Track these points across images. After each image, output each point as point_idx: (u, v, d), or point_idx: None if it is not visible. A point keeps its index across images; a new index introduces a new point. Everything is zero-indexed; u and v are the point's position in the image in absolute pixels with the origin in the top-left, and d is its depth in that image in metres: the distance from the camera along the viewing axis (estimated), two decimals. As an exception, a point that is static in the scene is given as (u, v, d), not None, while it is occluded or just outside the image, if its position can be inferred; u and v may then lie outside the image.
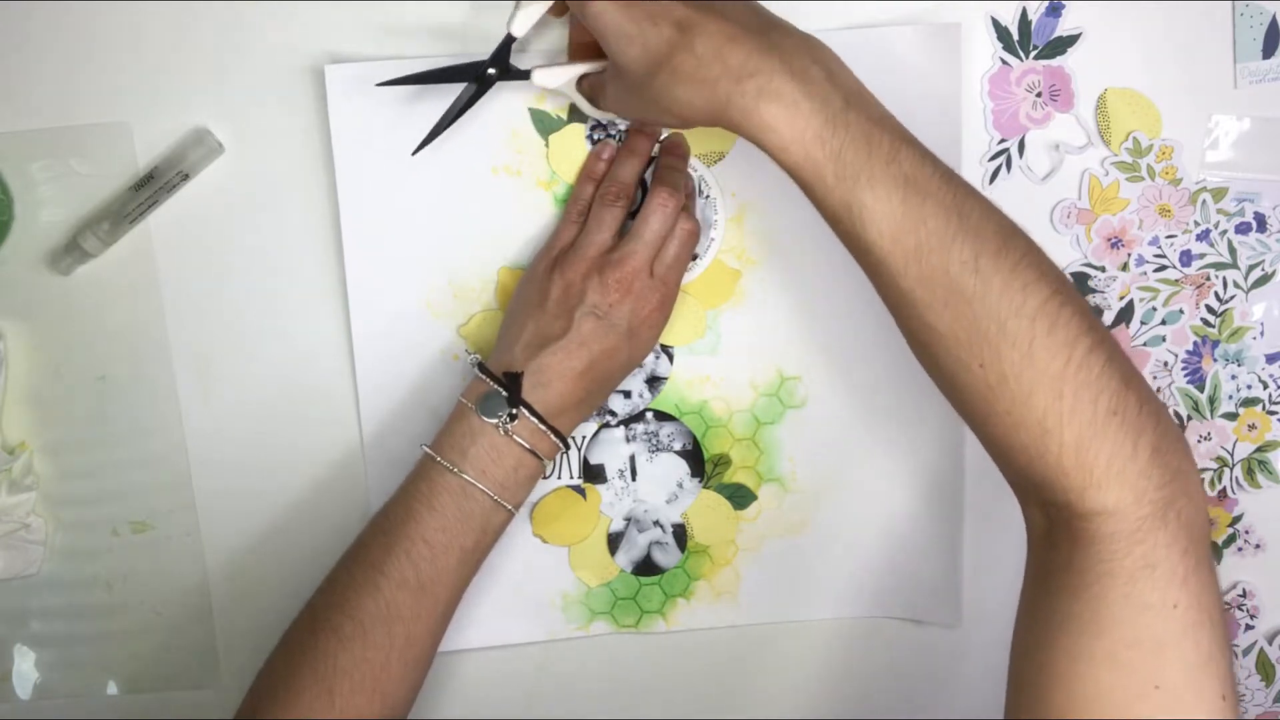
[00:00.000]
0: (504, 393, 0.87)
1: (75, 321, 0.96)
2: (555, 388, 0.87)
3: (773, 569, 1.00)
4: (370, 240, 0.94)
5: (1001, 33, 0.93)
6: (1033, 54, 0.94)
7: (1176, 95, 0.95)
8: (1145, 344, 0.98)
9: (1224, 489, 1.01)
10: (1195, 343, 0.98)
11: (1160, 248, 0.96)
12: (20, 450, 0.97)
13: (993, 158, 0.96)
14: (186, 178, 0.93)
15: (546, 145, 0.93)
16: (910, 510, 1.00)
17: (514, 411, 0.86)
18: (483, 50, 0.88)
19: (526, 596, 1.00)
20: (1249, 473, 1.01)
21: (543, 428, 0.87)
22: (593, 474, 0.99)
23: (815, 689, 1.01)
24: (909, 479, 0.98)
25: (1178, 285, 0.97)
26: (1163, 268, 0.97)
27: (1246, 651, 1.03)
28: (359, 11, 0.92)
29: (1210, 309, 0.97)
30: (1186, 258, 0.97)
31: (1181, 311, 0.97)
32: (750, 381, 0.98)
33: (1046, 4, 0.93)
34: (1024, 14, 0.93)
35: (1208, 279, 0.97)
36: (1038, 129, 0.95)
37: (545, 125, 0.93)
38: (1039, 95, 0.94)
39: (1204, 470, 1.00)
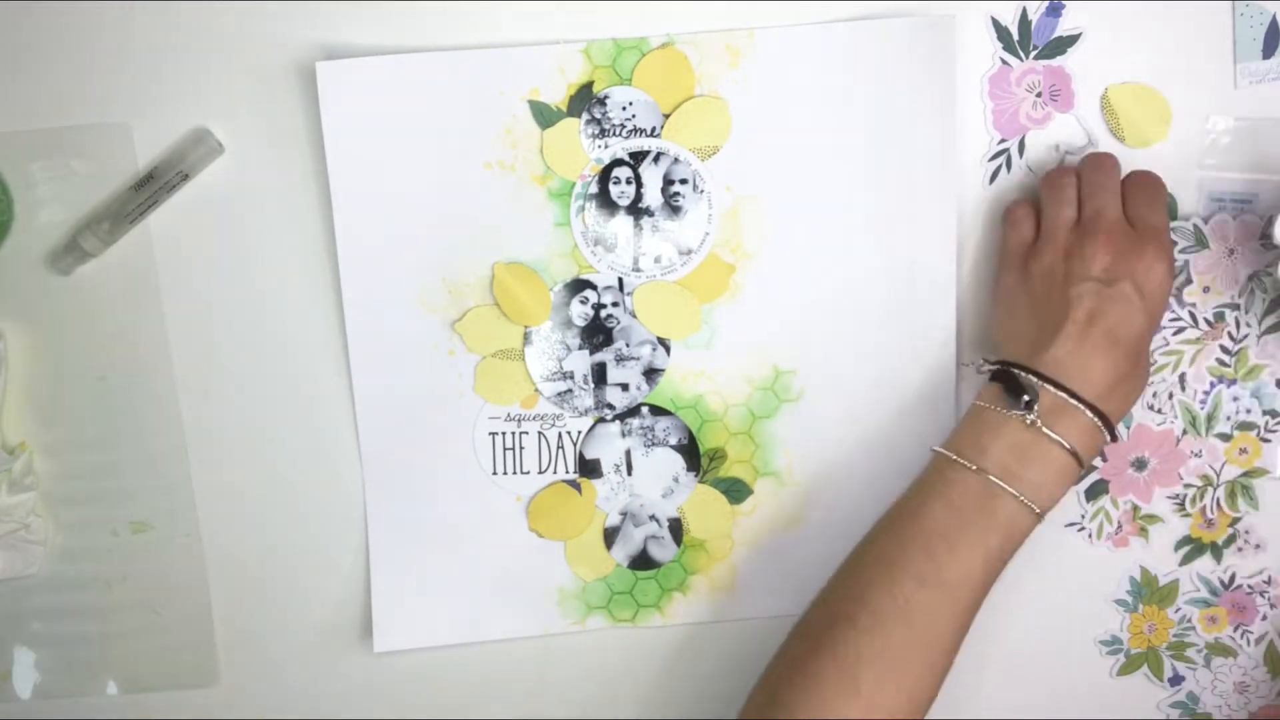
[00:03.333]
0: (1026, 383, 0.85)
1: (75, 321, 0.96)
2: (1081, 375, 0.84)
3: (769, 563, 0.99)
4: (364, 236, 0.94)
5: (1001, 33, 0.93)
6: (1033, 54, 0.94)
7: (1176, 95, 0.95)
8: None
9: (1204, 508, 1.01)
10: (1212, 382, 0.98)
11: (1175, 310, 0.97)
12: (20, 450, 0.97)
13: (993, 158, 0.95)
14: (186, 178, 0.93)
15: (542, 139, 0.93)
16: (906, 504, 0.99)
17: (1029, 400, 0.84)
18: (477, 45, 0.90)
19: (522, 591, 1.00)
20: (1230, 495, 1.00)
21: (1088, 414, 0.83)
22: (588, 468, 0.98)
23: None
24: (904, 472, 0.97)
25: (1199, 343, 0.97)
26: (1181, 330, 0.97)
27: (1258, 641, 1.03)
28: (360, 10, 0.92)
29: (1225, 349, 0.97)
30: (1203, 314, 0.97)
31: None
32: (745, 376, 0.97)
33: (1046, 4, 0.93)
34: (1024, 14, 0.93)
35: (1221, 319, 0.97)
36: (1038, 129, 0.95)
37: (545, 117, 0.93)
38: (1039, 95, 0.94)
39: (1188, 486, 1.00)
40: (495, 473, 0.99)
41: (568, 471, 0.99)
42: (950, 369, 0.98)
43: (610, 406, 0.98)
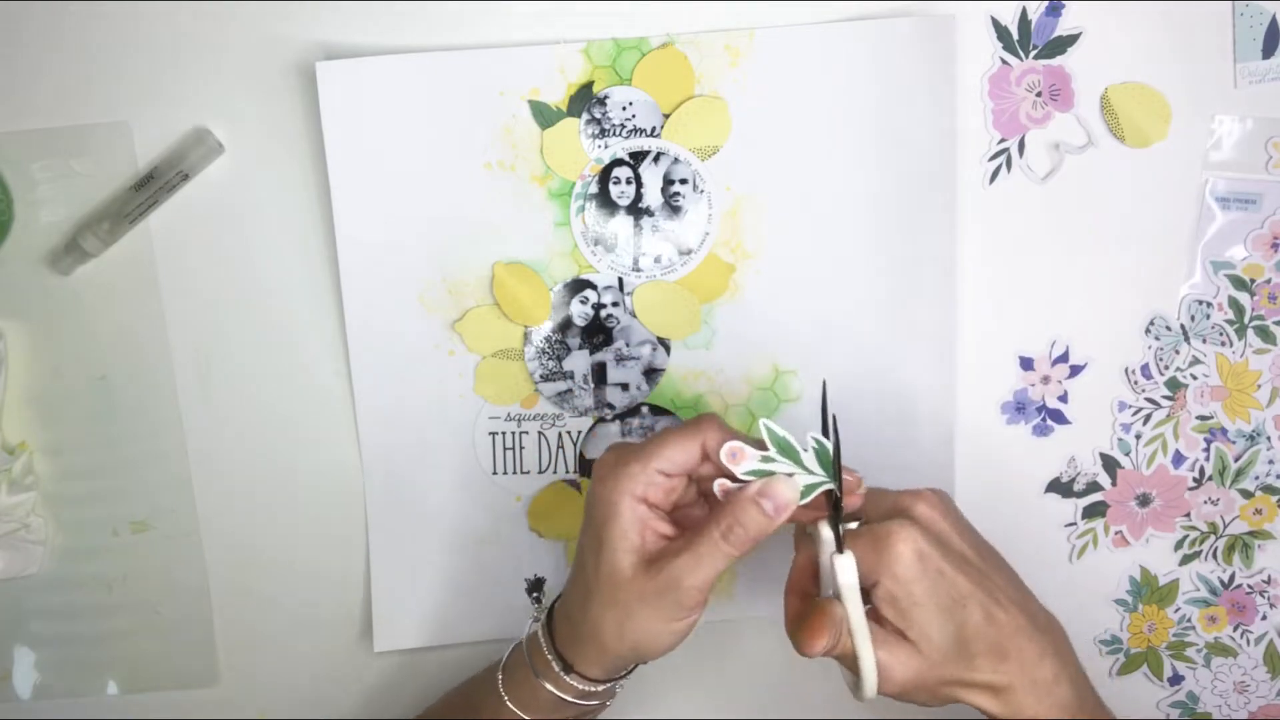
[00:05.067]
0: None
1: (75, 321, 0.96)
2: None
3: (768, 563, 0.97)
4: (364, 236, 0.94)
5: (1001, 32, 0.93)
6: (1032, 54, 0.94)
7: (1176, 95, 0.95)
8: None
9: (1198, 553, 1.01)
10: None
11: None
12: (20, 450, 0.97)
13: (993, 157, 0.95)
14: (186, 178, 0.93)
15: (542, 139, 0.93)
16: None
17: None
18: (477, 45, 0.91)
19: (522, 591, 1.00)
20: (1229, 549, 1.01)
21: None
22: (588, 468, 0.98)
23: (811, 682, 1.00)
24: (902, 474, 0.97)
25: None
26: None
27: (1258, 641, 1.03)
28: (360, 10, 0.92)
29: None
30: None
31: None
32: (745, 376, 0.97)
33: (1046, 4, 0.93)
34: (1024, 14, 0.93)
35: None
36: (1038, 129, 0.95)
37: (545, 117, 0.93)
38: (1039, 95, 0.94)
39: (1190, 528, 1.01)
40: (495, 473, 0.99)
41: (568, 471, 0.99)
42: (950, 369, 0.98)
43: (610, 406, 0.98)
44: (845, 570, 0.78)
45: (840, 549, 0.79)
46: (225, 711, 1.03)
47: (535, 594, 0.91)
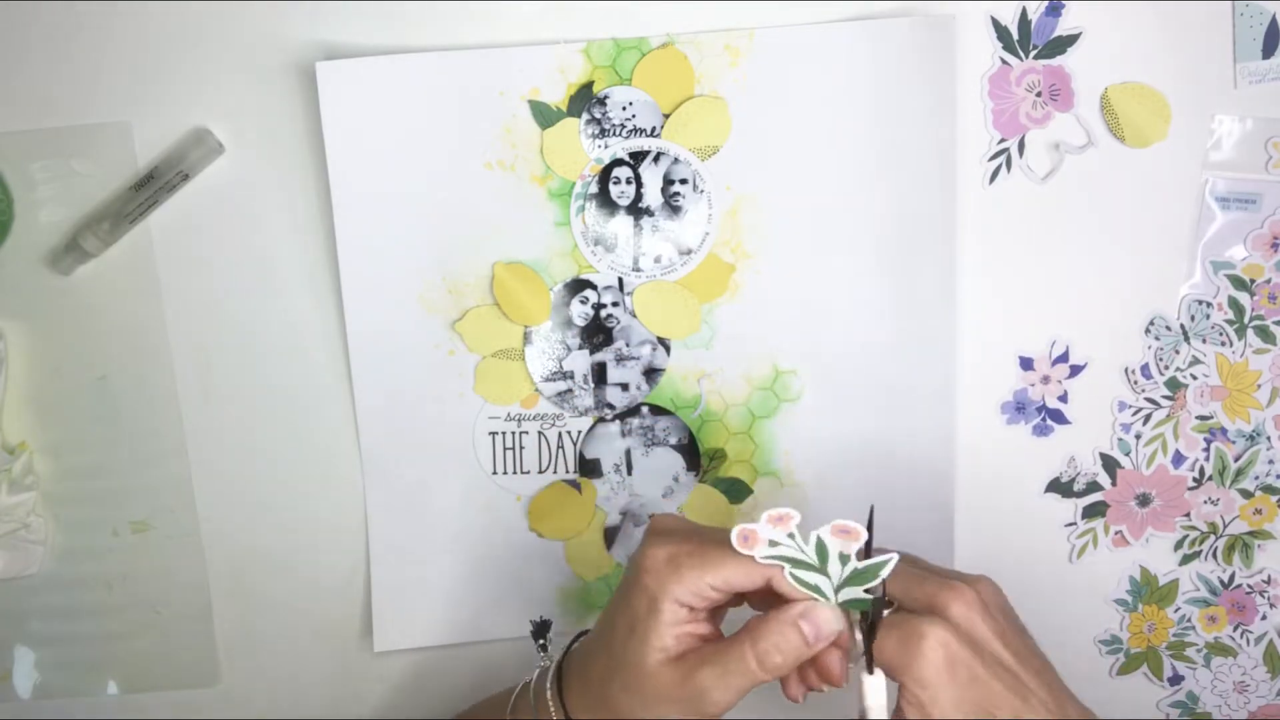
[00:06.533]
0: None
1: (75, 321, 0.96)
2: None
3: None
4: (364, 236, 0.94)
5: (1001, 32, 0.93)
6: (1032, 53, 0.94)
7: (1176, 95, 0.94)
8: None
9: (1198, 553, 1.01)
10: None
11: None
12: (20, 450, 0.97)
13: (993, 157, 0.95)
14: (186, 178, 0.93)
15: (542, 139, 0.93)
16: (904, 504, 0.99)
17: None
18: (477, 45, 0.91)
19: (522, 591, 1.00)
20: (1229, 549, 1.01)
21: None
22: (588, 468, 0.98)
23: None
24: (903, 473, 0.98)
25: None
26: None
27: (1258, 641, 1.03)
28: (360, 10, 0.92)
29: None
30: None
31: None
32: (745, 375, 0.97)
33: (1046, 4, 0.93)
34: (1024, 13, 0.93)
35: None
36: (1038, 129, 0.95)
37: (545, 117, 0.93)
38: (1039, 95, 0.94)
39: (1190, 528, 1.01)
40: (495, 473, 0.99)
41: (568, 471, 0.99)
42: (950, 369, 0.98)
43: (610, 406, 0.98)
44: (874, 692, 0.73)
45: (871, 668, 0.73)
46: (225, 711, 1.03)
47: (541, 639, 0.89)
